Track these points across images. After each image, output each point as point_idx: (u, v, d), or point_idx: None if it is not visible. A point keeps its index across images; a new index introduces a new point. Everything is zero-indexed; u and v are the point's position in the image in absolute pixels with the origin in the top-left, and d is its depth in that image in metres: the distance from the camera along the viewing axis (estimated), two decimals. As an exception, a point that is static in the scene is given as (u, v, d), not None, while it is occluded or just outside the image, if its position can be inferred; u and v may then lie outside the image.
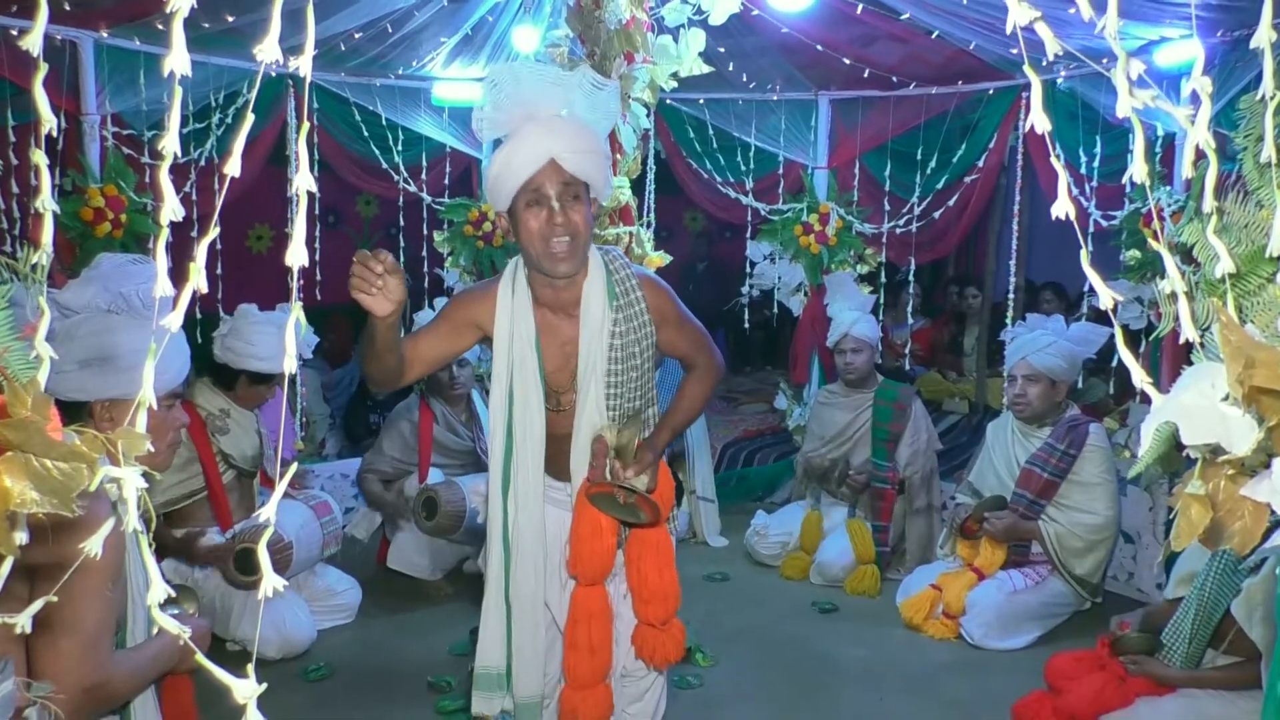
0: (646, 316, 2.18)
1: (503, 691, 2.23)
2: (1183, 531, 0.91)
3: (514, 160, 2.01)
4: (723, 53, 4.52)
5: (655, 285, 2.24)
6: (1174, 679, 2.66)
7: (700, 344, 2.32)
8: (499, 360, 2.17)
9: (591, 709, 2.20)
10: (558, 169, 2.01)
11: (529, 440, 2.16)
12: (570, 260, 2.06)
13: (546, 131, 2.00)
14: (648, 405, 2.26)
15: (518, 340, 2.15)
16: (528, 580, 2.18)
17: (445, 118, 4.98)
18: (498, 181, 2.04)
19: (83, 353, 1.74)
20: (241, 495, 3.59)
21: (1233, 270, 0.93)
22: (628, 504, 2.11)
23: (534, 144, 2.00)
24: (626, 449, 2.13)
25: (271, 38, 0.77)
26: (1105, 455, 3.72)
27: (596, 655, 2.18)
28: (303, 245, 0.80)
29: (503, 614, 2.21)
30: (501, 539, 2.19)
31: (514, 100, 2.02)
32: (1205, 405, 0.85)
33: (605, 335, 2.15)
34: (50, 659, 1.48)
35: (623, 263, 2.22)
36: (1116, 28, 0.88)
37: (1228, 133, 1.24)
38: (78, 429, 0.83)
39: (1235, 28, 3.47)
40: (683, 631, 2.28)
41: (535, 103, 2.02)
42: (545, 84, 2.03)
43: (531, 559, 2.18)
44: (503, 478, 2.19)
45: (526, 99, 2.02)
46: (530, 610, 2.19)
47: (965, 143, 4.83)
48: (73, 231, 3.76)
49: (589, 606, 2.17)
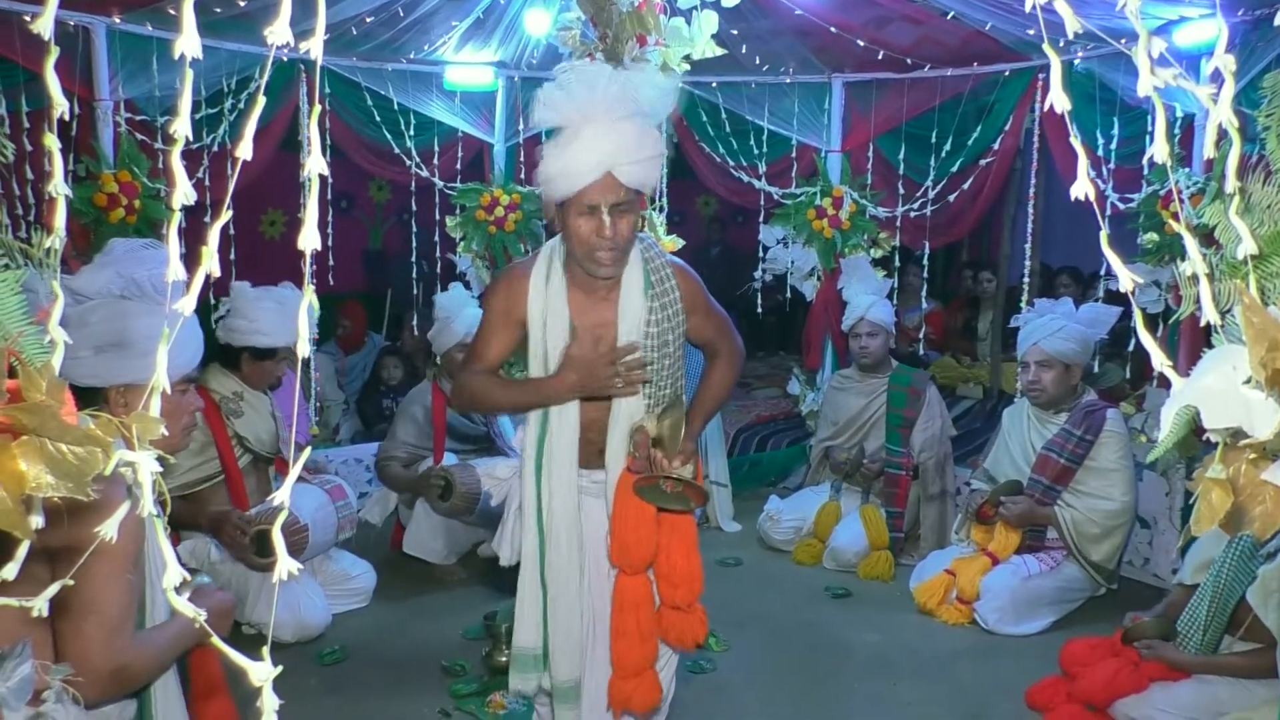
0: (680, 305, 2.21)
1: (539, 672, 2.26)
2: (1203, 516, 0.90)
3: (571, 167, 2.00)
4: (735, 35, 4.49)
5: (686, 273, 2.27)
6: (1188, 664, 2.66)
7: (724, 330, 2.35)
8: (534, 346, 2.19)
9: (644, 696, 2.23)
10: (614, 183, 2.01)
11: (563, 426, 2.19)
12: (614, 266, 2.11)
13: (606, 137, 1.98)
14: (678, 392, 2.28)
15: (552, 327, 2.17)
16: (562, 563, 2.21)
17: (457, 102, 4.97)
18: (553, 181, 2.04)
19: (97, 338, 1.75)
20: (259, 480, 3.61)
21: (1255, 252, 0.92)
22: (674, 492, 2.14)
23: (592, 152, 1.98)
24: (670, 438, 2.15)
25: (283, 20, 0.77)
26: (1122, 441, 3.70)
27: (646, 642, 2.22)
28: (315, 230, 0.80)
29: (539, 597, 2.23)
30: (536, 523, 2.21)
31: (576, 102, 2.00)
32: (1227, 388, 0.84)
33: (642, 324, 2.17)
34: (74, 642, 1.50)
35: (657, 251, 2.25)
36: (1138, 5, 0.87)
37: (1250, 112, 1.22)
38: (93, 413, 0.83)
39: (1257, 6, 3.42)
40: (705, 615, 2.30)
41: (597, 106, 2.00)
42: (614, 89, 2.01)
43: (566, 542, 2.20)
44: (536, 463, 2.21)
45: (589, 102, 1.99)
46: (566, 592, 2.22)
47: (980, 125, 4.79)
48: (86, 217, 3.78)
49: (635, 595, 2.21)
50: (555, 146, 2.03)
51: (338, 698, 3.12)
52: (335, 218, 4.91)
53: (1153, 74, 0.87)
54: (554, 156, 2.02)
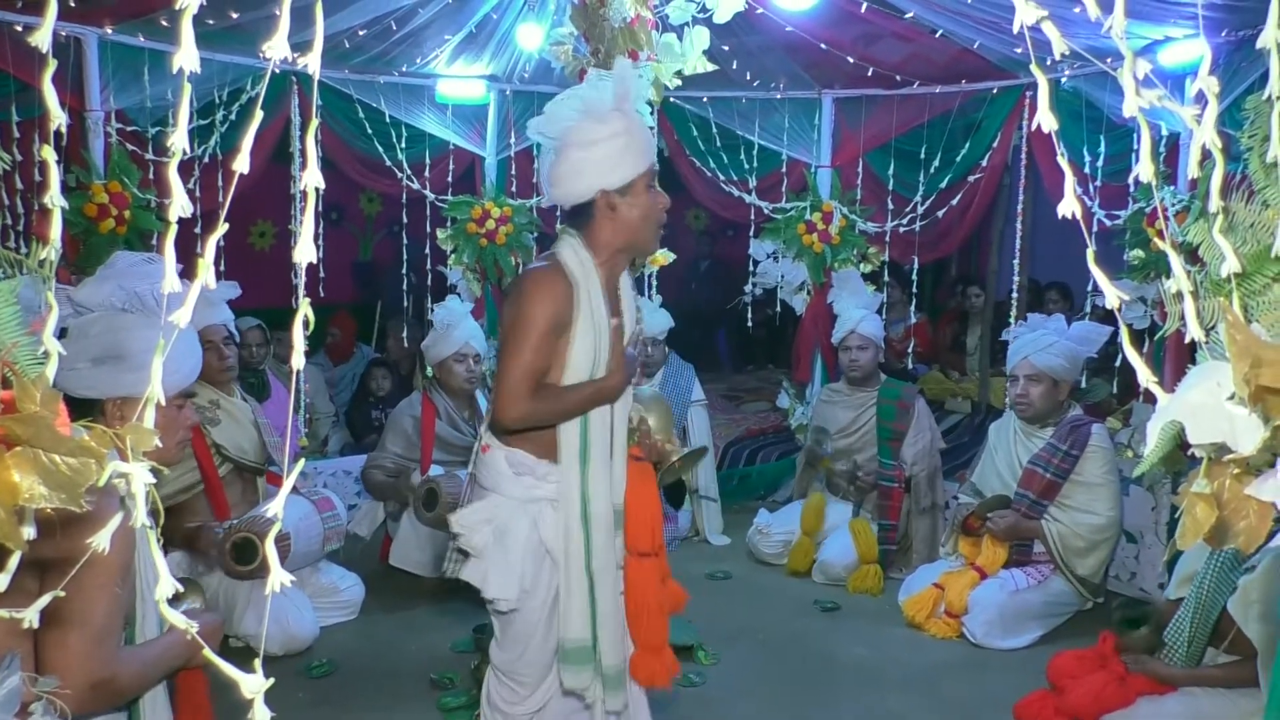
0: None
1: (593, 662, 2.26)
2: (1188, 530, 0.91)
3: (643, 143, 2.18)
4: (727, 51, 4.52)
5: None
6: (1174, 677, 2.67)
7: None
8: (582, 348, 2.17)
9: (667, 669, 2.32)
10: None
11: (603, 419, 2.23)
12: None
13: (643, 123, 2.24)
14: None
15: (600, 326, 2.19)
16: (605, 552, 2.24)
17: (449, 115, 4.98)
18: (625, 156, 2.14)
19: (95, 350, 1.75)
20: (244, 490, 3.60)
21: (1238, 270, 0.93)
22: (679, 468, 2.32)
23: (648, 134, 2.24)
24: (665, 423, 2.33)
25: (280, 35, 0.78)
26: (1108, 456, 3.72)
27: (664, 617, 2.32)
28: (310, 243, 0.81)
29: (585, 588, 2.23)
30: (581, 516, 2.22)
31: (620, 94, 2.17)
32: (1212, 404, 0.86)
33: (634, 315, 2.33)
34: (58, 653, 1.49)
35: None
36: (1123, 27, 0.88)
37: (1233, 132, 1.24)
38: (87, 424, 0.83)
39: (1240, 27, 3.46)
40: (675, 663, 2.36)
41: (631, 97, 2.21)
42: (637, 81, 2.27)
43: (606, 532, 2.23)
44: (580, 457, 2.21)
45: (629, 94, 2.19)
46: (609, 581, 2.25)
47: (969, 142, 4.83)
48: (76, 228, 3.77)
49: (653, 574, 2.30)
50: (615, 129, 2.13)
51: (326, 710, 3.11)
52: (326, 229, 4.92)
53: (1138, 95, 0.88)
54: (620, 138, 2.13)
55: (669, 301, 5.25)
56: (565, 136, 2.18)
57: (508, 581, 2.19)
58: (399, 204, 5.01)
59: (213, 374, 3.54)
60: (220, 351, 3.55)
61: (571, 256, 2.18)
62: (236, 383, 3.73)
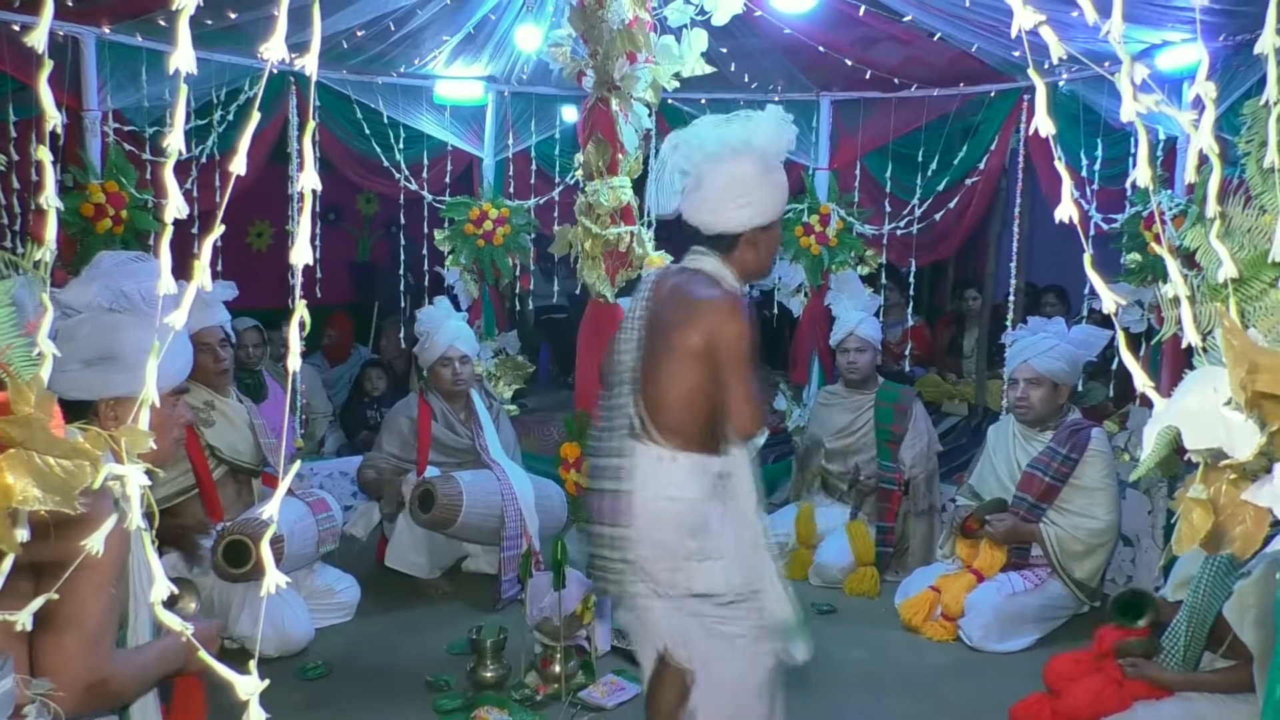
0: None
1: (804, 631, 2.35)
2: (1184, 536, 0.91)
3: (785, 188, 2.42)
4: (725, 53, 4.52)
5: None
6: (1170, 681, 2.67)
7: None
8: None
9: None
10: None
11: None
12: None
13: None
14: None
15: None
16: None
17: (447, 116, 4.98)
18: (778, 200, 2.38)
19: (86, 352, 1.74)
20: (239, 491, 3.59)
21: (1235, 275, 0.93)
22: None
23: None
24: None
25: (278, 36, 0.78)
26: (1107, 460, 3.72)
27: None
28: (307, 244, 0.81)
29: (774, 570, 2.33)
30: (759, 514, 2.36)
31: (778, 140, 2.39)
32: (1208, 409, 0.86)
33: None
34: (53, 655, 1.48)
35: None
36: (1121, 32, 0.88)
37: (1230, 137, 1.24)
38: (81, 426, 0.83)
39: (1238, 32, 3.47)
40: None
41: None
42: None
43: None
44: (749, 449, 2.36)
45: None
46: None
47: (966, 145, 4.83)
48: (73, 228, 3.76)
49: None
50: (778, 178, 2.38)
51: (321, 712, 3.10)
52: (323, 230, 4.90)
53: (1135, 99, 0.88)
54: (781, 186, 2.38)
55: (666, 303, 5.24)
56: (725, 170, 2.31)
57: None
58: (397, 205, 5.01)
59: (208, 376, 3.53)
60: (216, 354, 3.54)
61: (729, 279, 2.37)
62: (232, 384, 3.72)
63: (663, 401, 2.32)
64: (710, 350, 2.27)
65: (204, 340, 3.47)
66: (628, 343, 2.42)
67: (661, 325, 2.37)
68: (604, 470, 2.39)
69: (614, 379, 2.43)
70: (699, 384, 2.30)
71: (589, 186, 3.22)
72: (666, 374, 2.32)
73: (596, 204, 3.19)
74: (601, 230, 3.19)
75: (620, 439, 2.36)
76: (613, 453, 2.38)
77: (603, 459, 2.40)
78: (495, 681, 3.19)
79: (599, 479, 2.41)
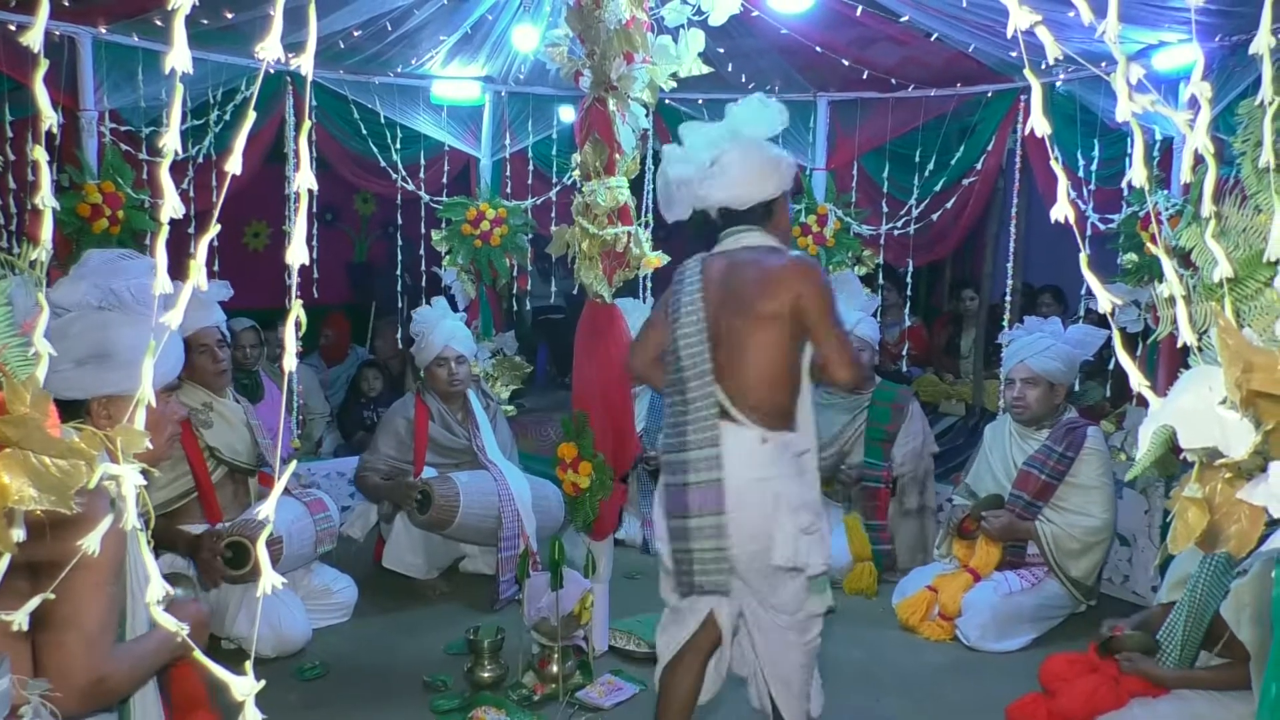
0: None
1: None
2: (1180, 534, 0.92)
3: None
4: (722, 53, 4.52)
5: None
6: (1165, 679, 2.67)
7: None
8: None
9: None
10: None
11: None
12: None
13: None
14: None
15: None
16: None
17: (444, 116, 4.97)
18: (792, 163, 2.62)
19: (78, 351, 1.74)
20: (236, 492, 3.58)
21: (1231, 275, 0.94)
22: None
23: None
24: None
25: (274, 36, 0.78)
26: (1103, 458, 3.73)
27: None
28: (303, 244, 0.80)
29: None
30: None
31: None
32: (1203, 409, 0.86)
33: None
34: (54, 655, 1.49)
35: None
36: (1117, 32, 0.89)
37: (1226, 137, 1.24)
38: (78, 425, 0.83)
39: (1234, 32, 3.47)
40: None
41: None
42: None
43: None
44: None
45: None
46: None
47: (963, 145, 4.83)
48: (69, 228, 3.75)
49: None
50: (774, 146, 2.61)
51: (318, 713, 3.10)
52: (320, 230, 4.89)
53: (1131, 100, 0.89)
54: (781, 151, 2.62)
55: (664, 304, 5.24)
56: (759, 144, 2.56)
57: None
58: (394, 205, 5.00)
59: (207, 377, 3.52)
60: (214, 354, 3.53)
61: (780, 245, 2.53)
62: (230, 384, 3.72)
63: (748, 381, 2.38)
64: (796, 312, 2.36)
65: (202, 341, 3.47)
66: (689, 335, 2.44)
67: (736, 303, 2.41)
68: (688, 464, 2.39)
69: (683, 374, 2.44)
70: (784, 354, 2.39)
71: (586, 187, 3.22)
72: (752, 350, 2.37)
73: (594, 204, 3.18)
74: (599, 230, 3.19)
75: (704, 430, 2.38)
76: (697, 445, 2.39)
77: (686, 453, 2.40)
78: (492, 682, 3.19)
79: (681, 473, 2.41)
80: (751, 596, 2.44)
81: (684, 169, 2.56)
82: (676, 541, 2.43)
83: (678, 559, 2.43)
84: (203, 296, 3.36)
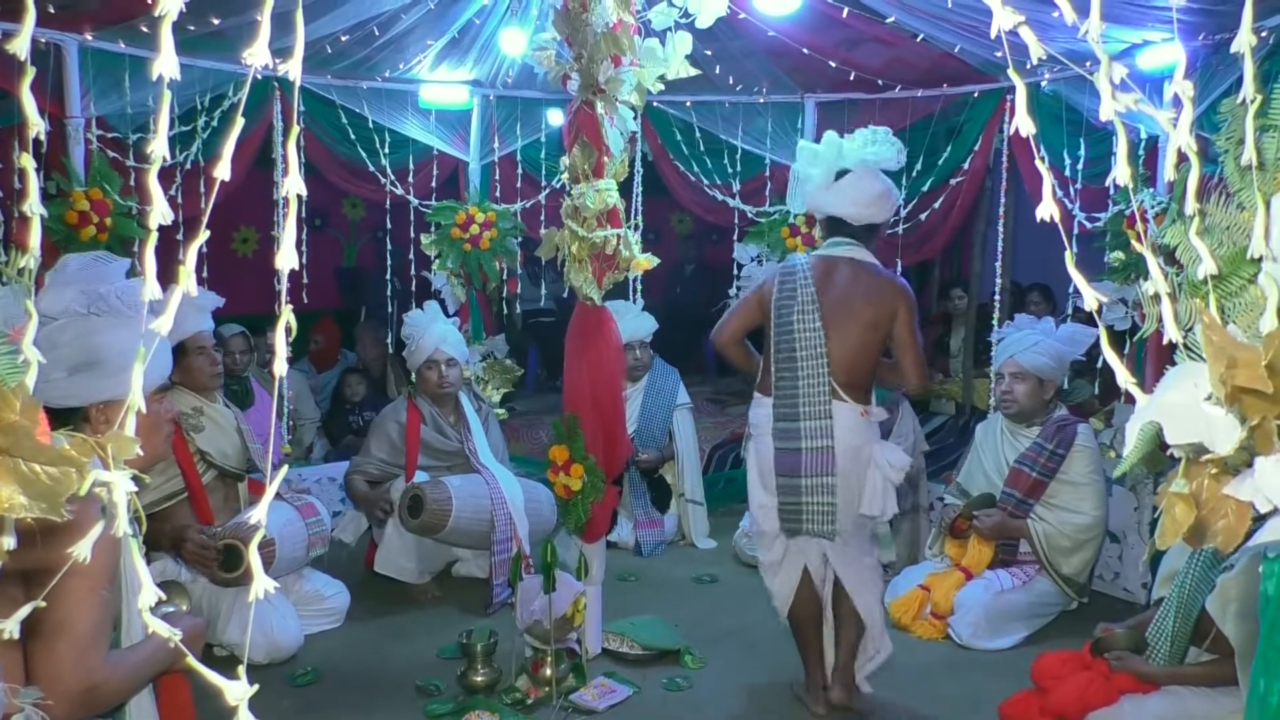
0: None
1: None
2: (1167, 530, 0.92)
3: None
4: (709, 56, 4.53)
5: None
6: (1155, 675, 2.68)
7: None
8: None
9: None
10: None
11: None
12: None
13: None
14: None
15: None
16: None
17: (432, 120, 4.97)
18: (894, 207, 3.16)
19: (70, 359, 1.73)
20: (227, 496, 3.57)
21: (1215, 272, 0.94)
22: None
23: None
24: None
25: (261, 42, 0.78)
26: (1093, 455, 3.75)
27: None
28: (293, 249, 0.81)
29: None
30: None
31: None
32: (1189, 405, 0.87)
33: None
34: (47, 662, 1.48)
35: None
36: (1099, 32, 0.89)
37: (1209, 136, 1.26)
38: (68, 433, 0.83)
39: (1216, 31, 3.50)
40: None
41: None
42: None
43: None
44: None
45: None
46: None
47: (950, 145, 4.86)
48: (57, 235, 3.73)
49: None
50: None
51: (311, 718, 3.09)
52: (309, 235, 4.89)
53: (1115, 99, 0.89)
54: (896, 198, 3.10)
55: (654, 305, 5.25)
56: (878, 174, 2.98)
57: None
58: (383, 209, 5.00)
59: (202, 379, 3.52)
60: (211, 357, 3.54)
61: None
62: (220, 390, 3.71)
63: (850, 366, 2.94)
64: (889, 319, 2.95)
65: (199, 344, 3.48)
66: (805, 323, 2.94)
67: (846, 306, 2.95)
68: (801, 431, 2.93)
69: (796, 358, 2.95)
70: (875, 350, 2.99)
71: (575, 190, 3.22)
72: (858, 342, 2.94)
73: (583, 207, 3.18)
74: (588, 233, 3.19)
75: (818, 404, 2.91)
76: (809, 416, 2.92)
77: (801, 421, 2.93)
78: (486, 685, 3.19)
79: (796, 439, 2.94)
80: (838, 540, 2.99)
81: (811, 170, 3.04)
82: (787, 495, 2.97)
83: (788, 509, 2.97)
84: (198, 301, 3.36)
